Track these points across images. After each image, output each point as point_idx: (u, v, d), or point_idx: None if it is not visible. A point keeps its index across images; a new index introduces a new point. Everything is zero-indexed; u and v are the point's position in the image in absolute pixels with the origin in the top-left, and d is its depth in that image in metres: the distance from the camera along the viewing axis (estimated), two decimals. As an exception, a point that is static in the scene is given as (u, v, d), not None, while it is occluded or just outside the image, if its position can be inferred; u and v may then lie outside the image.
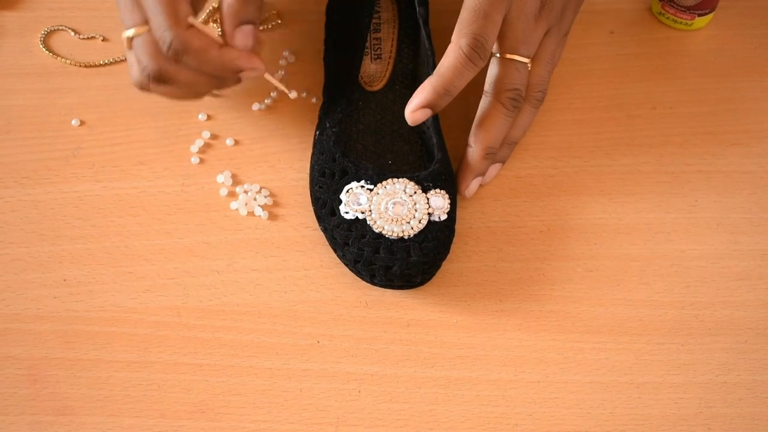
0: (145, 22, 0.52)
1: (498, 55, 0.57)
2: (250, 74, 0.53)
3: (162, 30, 0.51)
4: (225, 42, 0.53)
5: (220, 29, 0.54)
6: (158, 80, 0.53)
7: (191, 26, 0.52)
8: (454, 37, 0.54)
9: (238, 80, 0.55)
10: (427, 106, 0.55)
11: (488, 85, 0.58)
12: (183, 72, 0.53)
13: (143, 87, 0.54)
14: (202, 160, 0.61)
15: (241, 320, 0.55)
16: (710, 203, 0.60)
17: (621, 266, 0.57)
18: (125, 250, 0.57)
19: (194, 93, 0.56)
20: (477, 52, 0.54)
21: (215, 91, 0.62)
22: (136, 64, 0.54)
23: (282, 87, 0.56)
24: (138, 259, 0.57)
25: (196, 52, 0.52)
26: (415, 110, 0.55)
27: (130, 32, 0.53)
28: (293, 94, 0.56)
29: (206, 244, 0.58)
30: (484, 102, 0.58)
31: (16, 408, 0.52)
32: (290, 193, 0.60)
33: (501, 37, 0.56)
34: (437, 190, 0.55)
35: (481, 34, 0.54)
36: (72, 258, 0.57)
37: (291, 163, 0.61)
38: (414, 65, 0.62)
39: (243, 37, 0.53)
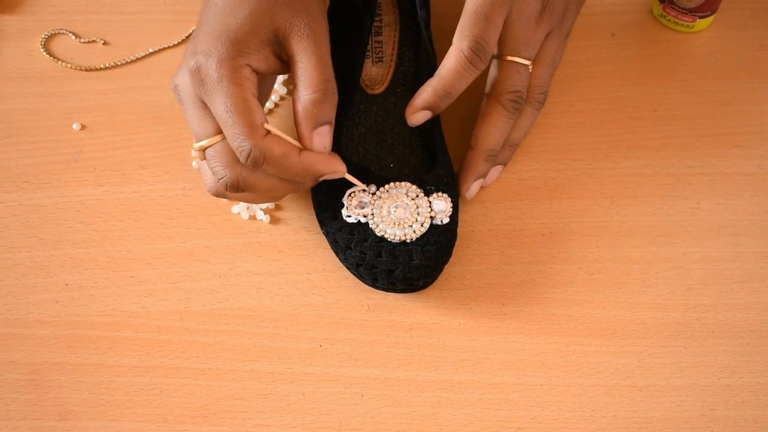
0: (218, 131, 0.51)
1: (499, 57, 0.57)
2: (330, 177, 0.53)
3: (239, 140, 0.49)
4: (302, 145, 0.52)
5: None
6: (236, 189, 0.52)
7: (268, 133, 0.50)
8: (455, 40, 0.54)
9: (316, 181, 0.54)
10: (428, 108, 0.55)
11: (489, 87, 0.58)
12: (261, 179, 0.52)
13: (219, 195, 0.53)
14: (203, 164, 0.61)
15: (243, 324, 0.55)
16: (712, 205, 0.60)
17: (623, 269, 0.57)
18: (127, 255, 0.57)
19: (272, 197, 0.56)
20: (478, 55, 0.54)
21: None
22: (211, 174, 0.52)
23: (362, 185, 0.55)
24: (140, 263, 0.57)
25: (276, 160, 0.50)
26: (415, 112, 0.56)
27: (202, 143, 0.51)
28: (372, 189, 0.55)
29: (208, 248, 0.58)
30: (485, 104, 0.58)
31: (19, 413, 0.52)
32: (292, 197, 0.60)
33: (502, 40, 0.56)
34: (439, 194, 0.55)
35: (482, 36, 0.54)
36: (73, 262, 0.57)
37: (292, 166, 0.61)
38: (415, 68, 0.62)
39: (321, 139, 0.52)
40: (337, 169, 0.52)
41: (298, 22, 0.52)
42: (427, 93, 0.55)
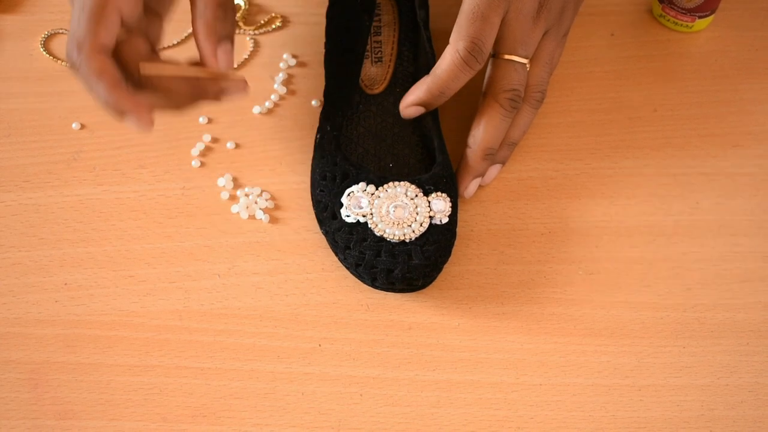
0: None
1: (496, 56, 0.57)
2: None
3: (70, 36, 0.48)
4: (205, 63, 0.50)
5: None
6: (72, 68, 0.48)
7: (100, 49, 0.48)
8: (451, 40, 0.55)
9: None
10: (421, 104, 0.56)
11: (486, 85, 0.58)
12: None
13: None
14: (203, 164, 0.61)
15: (242, 324, 0.55)
16: (712, 205, 0.60)
17: (622, 269, 0.57)
18: (126, 254, 0.57)
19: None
20: (474, 55, 0.54)
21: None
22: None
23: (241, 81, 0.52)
24: (139, 262, 0.57)
25: (88, 78, 0.48)
26: (408, 106, 0.56)
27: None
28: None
29: (207, 248, 0.58)
30: (482, 102, 0.58)
31: (18, 412, 0.52)
32: (291, 197, 0.60)
33: (499, 38, 0.56)
34: (438, 194, 0.55)
35: (478, 37, 0.54)
36: (73, 262, 0.57)
37: (292, 166, 0.61)
38: (414, 68, 0.62)
39: (226, 56, 0.50)
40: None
41: None
42: (421, 91, 0.56)
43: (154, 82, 0.50)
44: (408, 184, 0.55)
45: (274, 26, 0.68)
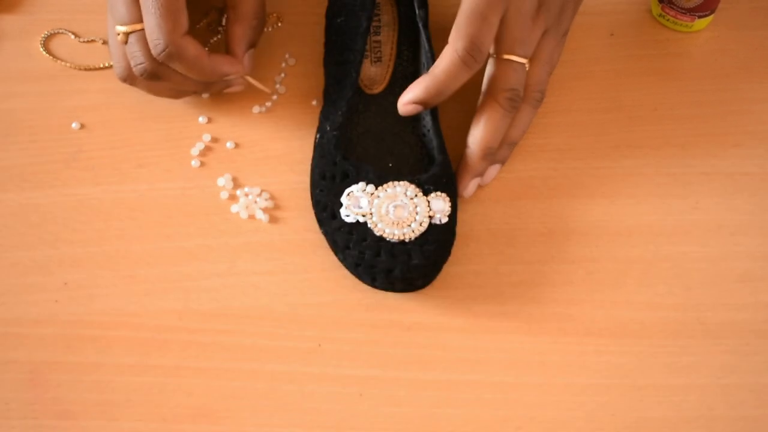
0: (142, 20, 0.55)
1: (495, 55, 0.57)
2: (233, 77, 0.59)
3: (157, 33, 0.53)
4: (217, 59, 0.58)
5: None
6: (152, 77, 0.56)
7: (186, 34, 0.55)
8: (450, 39, 0.54)
9: (225, 85, 0.60)
10: (419, 103, 0.56)
11: (486, 85, 0.58)
12: (176, 73, 0.57)
13: (128, 80, 0.58)
14: (202, 164, 0.61)
15: (242, 324, 0.55)
16: (711, 205, 0.60)
17: (622, 268, 0.57)
18: (126, 254, 0.57)
19: (178, 93, 0.60)
20: (473, 55, 0.54)
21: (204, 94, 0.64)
22: (123, 59, 0.57)
23: (261, 86, 0.62)
24: (138, 262, 0.57)
25: (189, 60, 0.55)
26: (406, 104, 0.56)
27: (125, 27, 0.55)
28: (271, 93, 0.62)
29: (207, 248, 0.58)
30: (481, 102, 0.58)
31: (17, 412, 0.52)
32: (291, 197, 0.60)
33: (498, 38, 0.56)
34: (438, 193, 0.55)
35: (477, 37, 0.54)
36: (72, 261, 0.57)
37: (291, 166, 0.61)
38: (414, 68, 0.62)
39: (250, 60, 0.60)
40: (237, 68, 0.58)
41: None
42: (419, 89, 0.55)
43: (171, 75, 0.57)
44: (407, 183, 0.55)
45: (273, 26, 0.68)
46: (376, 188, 0.55)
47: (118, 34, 0.55)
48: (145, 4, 0.54)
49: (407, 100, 0.56)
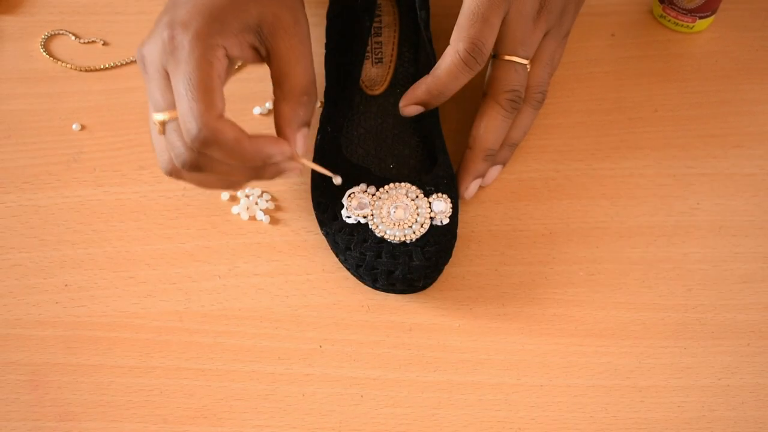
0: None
1: (497, 56, 0.57)
2: (287, 165, 0.50)
3: (190, 118, 0.46)
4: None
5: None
6: (194, 168, 0.48)
7: (222, 116, 0.47)
8: (452, 40, 0.54)
9: (278, 170, 0.50)
10: (420, 104, 0.56)
11: (487, 86, 0.58)
12: (219, 161, 0.49)
13: (173, 174, 0.51)
14: (203, 165, 0.61)
15: (242, 325, 0.55)
16: (712, 206, 0.60)
17: (623, 269, 0.57)
18: (126, 255, 0.57)
19: (229, 183, 0.52)
20: (474, 57, 0.54)
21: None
22: (166, 150, 0.50)
23: (322, 170, 0.52)
24: (139, 263, 0.57)
25: (227, 144, 0.47)
26: (408, 105, 0.56)
27: (162, 116, 0.48)
28: (338, 180, 0.52)
29: (208, 249, 0.58)
30: (482, 103, 0.58)
31: (18, 414, 0.52)
32: (292, 198, 0.60)
33: (499, 39, 0.56)
34: (439, 194, 0.55)
35: (478, 38, 0.54)
36: (73, 263, 0.57)
37: (292, 167, 0.61)
38: (415, 69, 0.62)
39: (304, 140, 0.51)
40: (284, 149, 0.49)
41: (286, 18, 0.50)
42: (420, 90, 0.56)
43: (215, 165, 0.49)
44: (409, 185, 0.55)
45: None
46: (377, 189, 0.55)
47: (156, 124, 0.48)
48: (177, 86, 0.47)
49: (408, 101, 0.56)
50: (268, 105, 0.64)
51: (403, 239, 0.54)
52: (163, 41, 0.48)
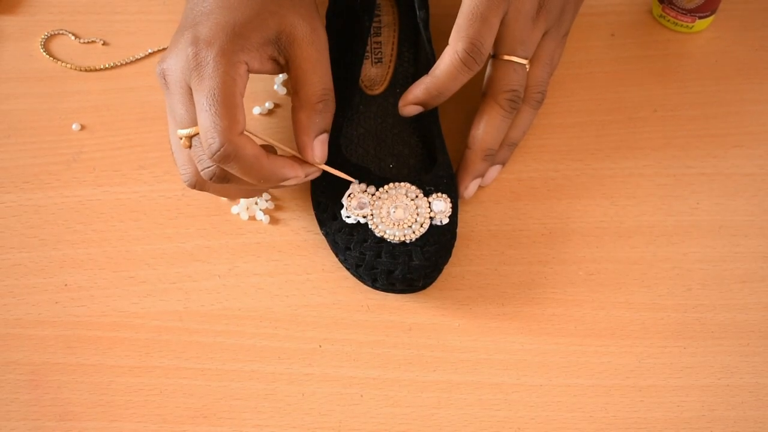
0: None
1: (496, 56, 0.57)
2: (293, 182, 0.52)
3: (212, 133, 0.48)
4: (301, 153, 0.52)
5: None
6: (221, 180, 0.51)
7: (242, 132, 0.49)
8: (451, 40, 0.55)
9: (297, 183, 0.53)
10: (419, 104, 0.56)
11: (486, 86, 0.58)
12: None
13: (197, 186, 0.53)
14: (203, 165, 0.61)
15: (242, 325, 0.55)
16: (712, 206, 0.60)
17: (623, 269, 0.57)
18: (126, 255, 0.57)
19: (250, 192, 0.56)
20: (473, 57, 0.54)
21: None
22: (189, 163, 0.52)
23: (342, 175, 0.55)
24: (139, 263, 0.57)
25: (246, 160, 0.49)
26: (407, 105, 0.56)
27: (188, 130, 0.50)
28: (356, 183, 0.55)
29: (207, 249, 0.58)
30: (482, 103, 0.58)
31: (18, 413, 0.52)
32: (291, 197, 0.60)
33: (499, 39, 0.56)
34: (439, 194, 0.55)
35: (477, 38, 0.54)
36: (73, 263, 0.57)
37: (292, 167, 0.61)
38: (415, 69, 0.62)
39: (321, 147, 0.53)
40: (298, 173, 0.52)
41: (303, 28, 0.52)
42: (419, 90, 0.56)
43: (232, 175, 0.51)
44: (408, 184, 0.55)
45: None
46: (377, 189, 0.55)
47: (181, 139, 0.50)
48: (200, 102, 0.48)
49: (408, 101, 0.56)
50: (268, 105, 0.64)
51: (402, 239, 0.54)
52: (187, 57, 0.49)
